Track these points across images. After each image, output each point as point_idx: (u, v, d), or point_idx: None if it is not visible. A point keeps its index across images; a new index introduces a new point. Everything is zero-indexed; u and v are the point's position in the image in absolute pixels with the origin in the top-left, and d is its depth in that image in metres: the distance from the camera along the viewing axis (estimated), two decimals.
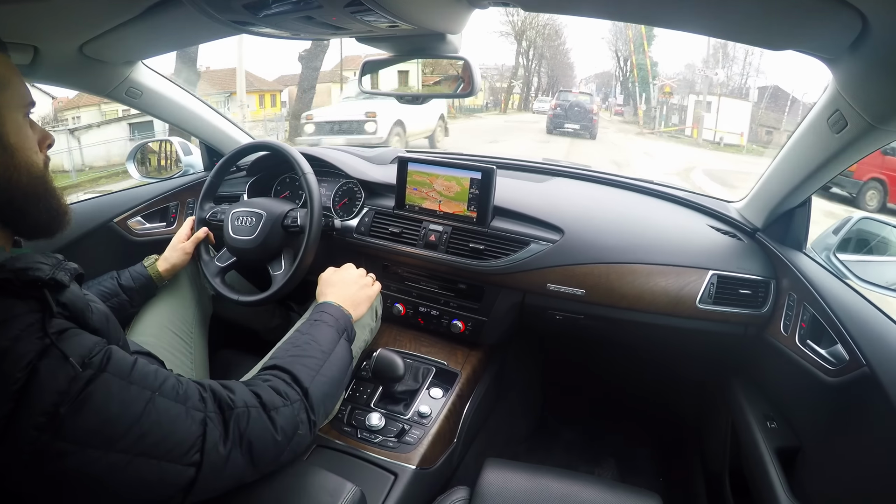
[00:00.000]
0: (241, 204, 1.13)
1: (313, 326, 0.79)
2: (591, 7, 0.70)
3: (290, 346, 0.74)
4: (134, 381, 0.50)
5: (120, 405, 0.48)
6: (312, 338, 0.76)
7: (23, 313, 0.46)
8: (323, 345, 0.75)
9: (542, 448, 1.47)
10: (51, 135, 0.59)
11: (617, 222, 1.13)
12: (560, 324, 1.14)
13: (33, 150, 0.55)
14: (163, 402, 0.51)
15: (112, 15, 0.82)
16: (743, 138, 14.93)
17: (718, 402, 1.19)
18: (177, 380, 0.55)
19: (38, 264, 0.49)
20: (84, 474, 0.46)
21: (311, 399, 0.67)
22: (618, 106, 26.96)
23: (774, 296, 1.00)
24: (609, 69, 32.73)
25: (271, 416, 0.60)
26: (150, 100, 1.25)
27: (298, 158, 1.09)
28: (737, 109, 15.88)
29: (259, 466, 0.60)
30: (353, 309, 0.89)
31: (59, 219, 0.58)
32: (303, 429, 0.65)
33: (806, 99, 14.37)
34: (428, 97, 0.95)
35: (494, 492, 0.79)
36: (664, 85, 20.84)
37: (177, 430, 0.52)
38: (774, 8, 0.55)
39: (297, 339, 0.76)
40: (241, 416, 0.58)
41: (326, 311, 0.83)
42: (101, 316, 0.56)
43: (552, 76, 31.14)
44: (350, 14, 0.66)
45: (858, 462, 0.72)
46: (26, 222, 0.56)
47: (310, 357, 0.72)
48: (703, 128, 15.85)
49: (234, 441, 0.56)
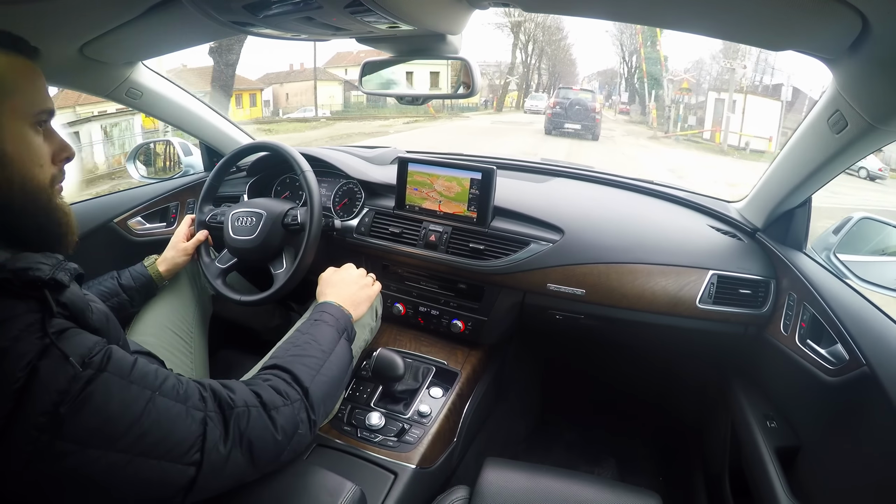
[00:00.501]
0: (242, 204, 1.13)
1: (314, 326, 0.79)
2: (592, 7, 0.70)
3: (291, 345, 0.74)
4: (134, 380, 0.50)
5: (120, 405, 0.48)
6: (313, 337, 0.76)
7: (22, 313, 0.46)
8: (323, 344, 0.75)
9: (541, 448, 1.47)
10: (70, 147, 0.56)
11: (617, 222, 1.13)
12: (560, 324, 1.14)
13: (36, 164, 0.53)
14: (163, 402, 0.51)
15: (112, 16, 0.82)
16: (771, 144, 13.03)
17: (718, 401, 1.19)
18: (177, 379, 0.55)
19: (38, 264, 0.48)
20: (84, 474, 0.46)
21: (311, 398, 0.67)
22: (622, 104, 25.47)
23: (774, 296, 1.00)
24: (613, 66, 30.78)
25: (272, 415, 0.60)
26: (151, 100, 1.25)
27: (297, 157, 1.09)
28: (764, 110, 13.71)
29: (259, 466, 0.60)
30: (353, 309, 0.89)
31: (52, 239, 0.55)
32: (303, 428, 0.65)
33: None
34: (428, 97, 0.95)
35: (494, 491, 0.79)
36: (682, 80, 18.89)
37: (177, 430, 0.52)
38: (774, 8, 0.55)
39: (298, 338, 0.76)
40: (242, 415, 0.58)
41: (327, 310, 0.83)
42: (101, 316, 0.55)
43: (553, 73, 29.26)
44: (350, 15, 0.66)
45: (858, 461, 0.72)
46: (15, 235, 0.52)
47: (310, 357, 0.72)
48: (728, 131, 13.81)
49: (234, 440, 0.56)
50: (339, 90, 19.69)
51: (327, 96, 19.28)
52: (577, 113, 11.95)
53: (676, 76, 19.89)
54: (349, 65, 19.79)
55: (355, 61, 17.98)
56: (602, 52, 58.35)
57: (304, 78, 19.09)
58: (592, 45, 58.59)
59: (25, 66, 0.53)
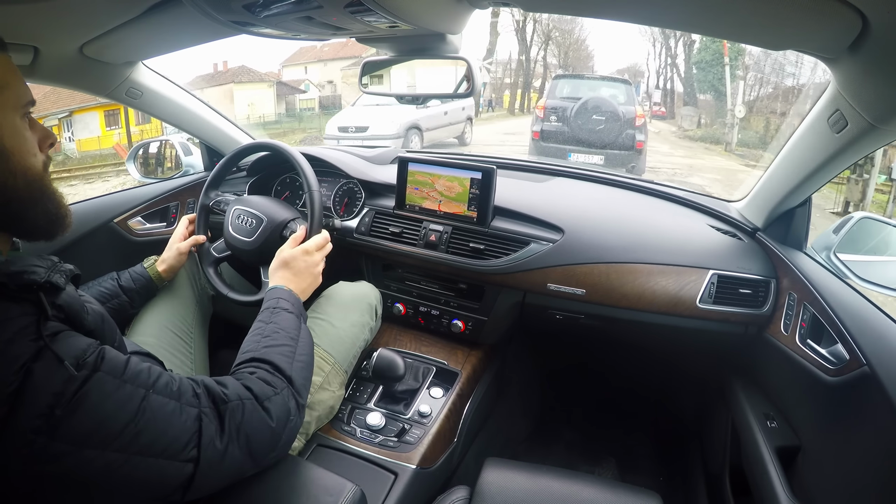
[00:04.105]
0: (245, 203, 1.12)
1: (275, 315, 0.78)
2: (592, 7, 0.70)
3: (260, 336, 0.74)
4: (128, 379, 0.50)
5: (115, 404, 0.48)
6: (278, 326, 0.76)
7: (17, 316, 0.46)
8: (290, 332, 0.76)
9: (541, 447, 1.47)
10: (53, 134, 0.59)
11: (617, 222, 1.13)
12: (560, 323, 1.14)
13: (31, 153, 0.54)
14: (157, 400, 0.52)
15: (112, 15, 0.82)
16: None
17: (718, 401, 1.19)
18: (170, 377, 0.56)
19: (34, 267, 0.49)
20: (82, 475, 0.46)
21: (295, 385, 0.68)
22: (655, 106, 17.02)
23: (774, 295, 1.00)
24: (637, 61, 24.35)
25: (265, 406, 0.62)
26: (151, 100, 1.25)
27: (307, 171, 1.06)
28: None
29: (256, 459, 0.60)
30: (302, 294, 0.88)
31: (58, 222, 0.58)
32: (294, 414, 0.66)
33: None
34: (428, 97, 0.95)
35: (494, 491, 0.79)
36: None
37: (172, 427, 0.52)
38: (775, 8, 0.55)
39: (263, 329, 0.76)
40: (236, 409, 0.59)
41: (282, 297, 0.82)
42: (96, 317, 0.56)
43: (565, 67, 20.04)
44: (350, 14, 0.66)
45: (858, 461, 0.72)
46: (24, 226, 0.55)
47: (283, 345, 0.73)
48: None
49: (230, 435, 0.57)
50: (268, 94, 14.72)
51: (245, 104, 14.22)
52: (594, 125, 5.49)
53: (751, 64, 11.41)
54: (310, 61, 16.34)
55: (317, 57, 15.77)
56: (627, 42, 44.53)
57: (226, 80, 15.00)
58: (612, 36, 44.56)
59: (8, 60, 0.54)
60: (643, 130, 5.52)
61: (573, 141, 5.56)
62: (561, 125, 5.66)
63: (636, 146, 5.38)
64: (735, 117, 10.50)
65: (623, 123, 5.45)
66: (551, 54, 20.57)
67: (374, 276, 1.28)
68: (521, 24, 17.26)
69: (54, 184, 0.58)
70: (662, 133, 12.92)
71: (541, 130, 5.74)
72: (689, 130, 13.19)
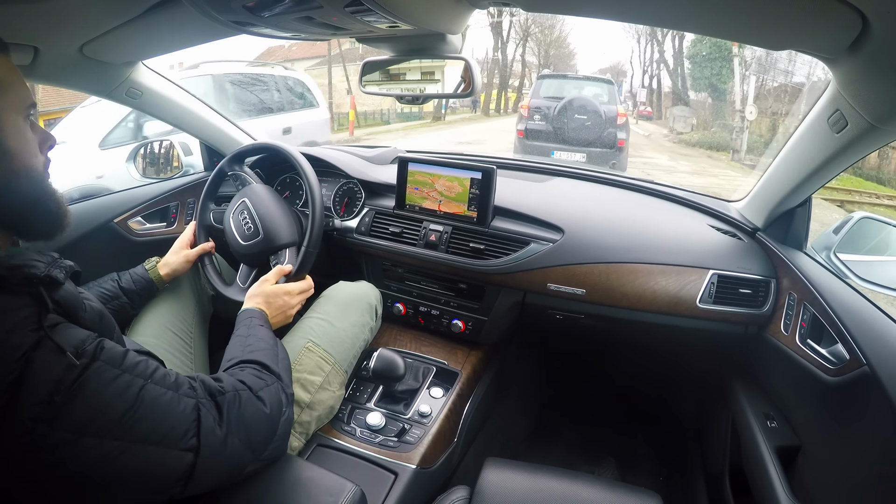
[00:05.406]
0: (252, 198, 1.10)
1: (251, 328, 0.82)
2: (592, 7, 0.70)
3: (242, 344, 0.77)
4: (126, 369, 0.51)
5: (114, 392, 0.49)
6: (258, 336, 0.80)
7: (17, 308, 0.47)
8: (268, 341, 0.80)
9: (541, 447, 1.47)
10: (52, 136, 0.59)
11: (617, 222, 1.13)
12: (560, 323, 1.14)
13: (33, 154, 0.55)
14: (155, 389, 0.53)
15: (112, 15, 0.82)
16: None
17: (719, 401, 1.19)
18: (167, 371, 0.57)
19: (33, 262, 0.49)
20: (82, 464, 0.47)
21: (283, 381, 0.72)
22: (642, 106, 16.60)
23: (775, 295, 1.00)
24: (621, 60, 23.59)
25: (259, 395, 0.65)
26: (151, 100, 1.25)
27: (313, 183, 1.07)
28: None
29: (255, 448, 0.62)
30: (272, 319, 0.90)
31: (57, 222, 0.59)
32: (286, 405, 0.70)
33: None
34: (428, 97, 0.95)
35: (494, 491, 0.79)
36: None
37: (171, 415, 0.53)
38: (774, 8, 0.55)
39: (244, 339, 0.79)
40: (233, 399, 0.61)
41: (255, 316, 0.85)
42: (94, 314, 0.56)
43: (545, 65, 20.01)
44: (350, 14, 0.66)
45: (858, 461, 0.72)
46: (25, 226, 0.56)
47: (265, 350, 0.76)
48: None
49: (228, 423, 0.58)
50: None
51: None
52: (578, 124, 5.72)
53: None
54: (279, 61, 15.64)
55: (286, 57, 15.39)
56: (609, 40, 45.72)
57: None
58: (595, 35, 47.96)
59: (9, 62, 0.55)
60: (625, 129, 5.74)
61: (557, 139, 5.73)
62: (545, 124, 5.84)
63: (618, 144, 5.60)
64: (746, 120, 8.91)
65: (605, 122, 5.67)
66: (530, 52, 19.98)
67: (374, 275, 1.28)
68: (496, 17, 15.41)
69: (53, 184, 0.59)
70: (653, 136, 10.98)
71: (525, 129, 5.88)
72: (684, 133, 11.30)
